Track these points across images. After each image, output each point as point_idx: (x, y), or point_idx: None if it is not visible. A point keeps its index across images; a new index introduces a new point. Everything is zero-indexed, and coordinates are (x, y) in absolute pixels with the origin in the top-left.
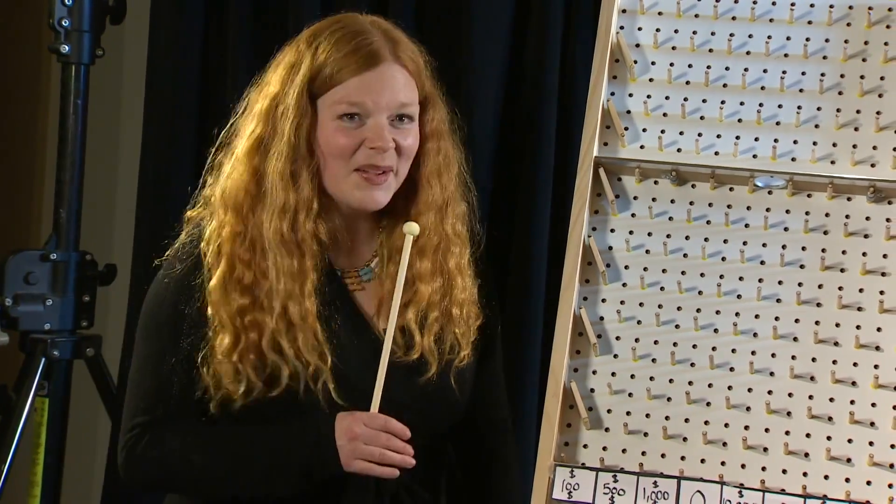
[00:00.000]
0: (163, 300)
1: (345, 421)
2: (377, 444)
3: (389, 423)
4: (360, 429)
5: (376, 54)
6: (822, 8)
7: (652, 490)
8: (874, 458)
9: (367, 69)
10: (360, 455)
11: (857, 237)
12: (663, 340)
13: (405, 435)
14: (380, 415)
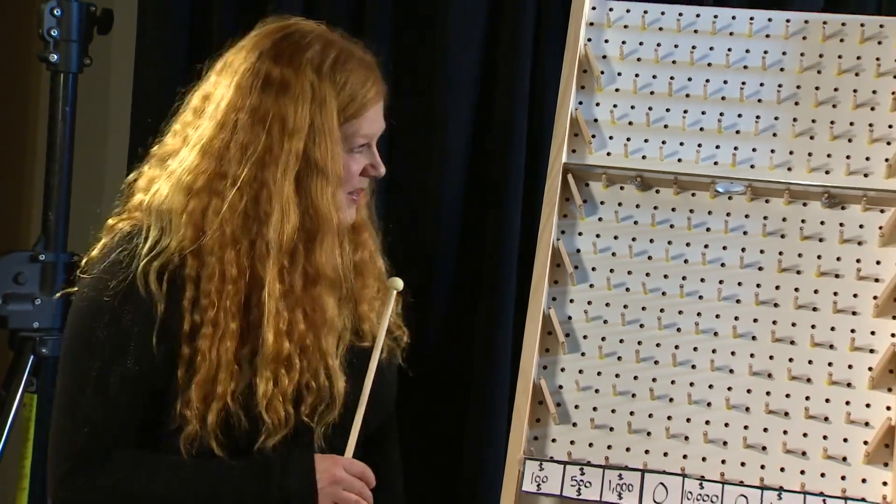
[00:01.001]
0: (101, 317)
1: (325, 463)
2: (354, 490)
3: (366, 472)
4: (341, 473)
5: (382, 84)
6: (779, 22)
7: (617, 482)
8: (828, 452)
9: (379, 100)
10: (337, 499)
11: (812, 241)
12: (628, 339)
13: (373, 484)
14: (359, 462)
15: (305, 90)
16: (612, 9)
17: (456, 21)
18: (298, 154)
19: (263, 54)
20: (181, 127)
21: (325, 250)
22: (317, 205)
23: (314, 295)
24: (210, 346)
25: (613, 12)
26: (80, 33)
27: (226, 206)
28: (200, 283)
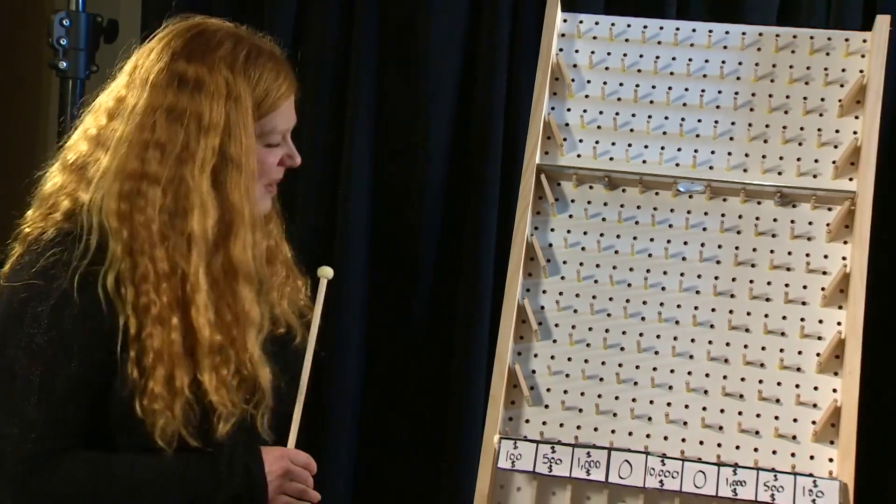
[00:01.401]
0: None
1: (272, 456)
2: (300, 480)
3: (311, 463)
4: (288, 465)
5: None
6: (735, 35)
7: (585, 460)
8: (779, 431)
9: (292, 94)
10: (285, 491)
11: (765, 236)
12: (596, 327)
13: (315, 471)
14: (304, 453)
15: (220, 87)
16: (582, 21)
17: (438, 33)
18: (215, 150)
19: (176, 54)
20: (96, 131)
21: (241, 244)
22: (232, 199)
23: (234, 288)
24: (161, 344)
25: (583, 24)
26: (87, 42)
27: (150, 205)
28: (137, 283)
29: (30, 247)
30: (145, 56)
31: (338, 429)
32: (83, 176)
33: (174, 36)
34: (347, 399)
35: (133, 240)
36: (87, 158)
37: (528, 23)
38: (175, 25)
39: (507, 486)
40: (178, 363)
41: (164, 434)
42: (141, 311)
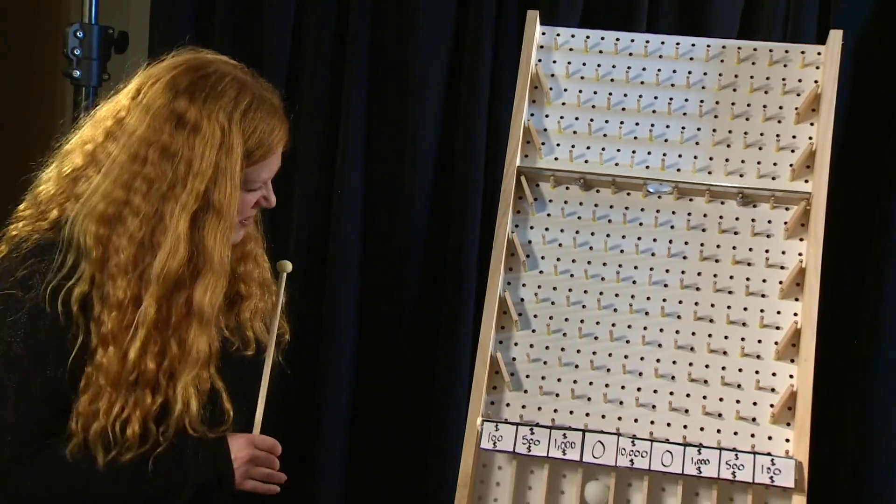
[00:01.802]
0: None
1: (238, 443)
2: (266, 465)
3: (276, 447)
4: (254, 452)
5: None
6: (701, 47)
7: (562, 441)
8: (740, 414)
9: (282, 145)
10: (251, 476)
11: (728, 234)
12: (572, 318)
13: (279, 452)
14: (269, 438)
15: (215, 135)
16: (559, 34)
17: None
18: (199, 194)
19: (179, 93)
20: (92, 146)
21: (204, 288)
22: (207, 244)
23: (188, 327)
24: (99, 365)
25: (560, 37)
26: (99, 52)
27: (126, 234)
28: (98, 301)
29: (12, 251)
30: (151, 84)
31: (332, 414)
32: (74, 189)
33: (182, 72)
34: (341, 384)
35: (103, 262)
36: (80, 172)
37: (509, 36)
38: (185, 59)
39: (489, 466)
40: (105, 387)
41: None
42: (101, 331)
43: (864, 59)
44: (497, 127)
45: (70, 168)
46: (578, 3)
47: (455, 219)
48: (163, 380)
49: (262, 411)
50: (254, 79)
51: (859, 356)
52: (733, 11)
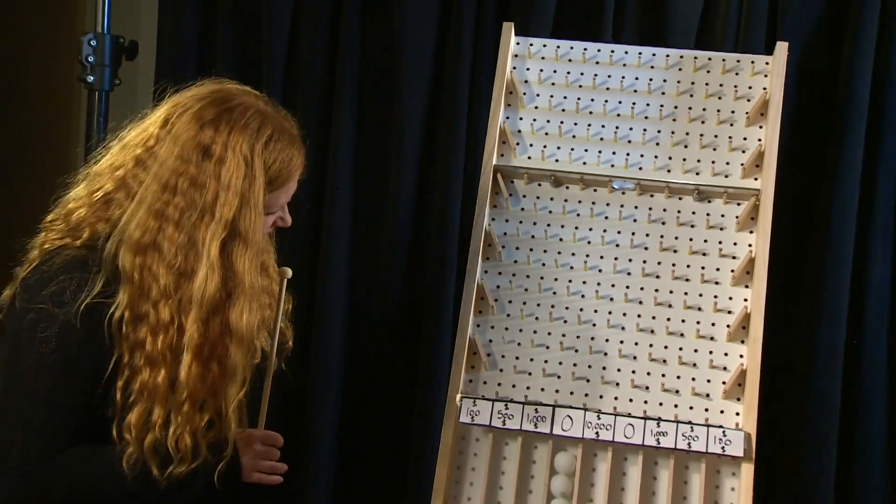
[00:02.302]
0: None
1: (243, 440)
2: (269, 458)
3: (278, 440)
4: (259, 447)
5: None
6: (661, 56)
7: (533, 415)
8: (695, 390)
9: (299, 171)
10: (257, 469)
11: (685, 227)
12: (543, 303)
13: (281, 445)
14: (272, 433)
15: (240, 165)
16: (532, 44)
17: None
18: (227, 222)
19: (205, 125)
20: (122, 172)
21: (239, 310)
22: (237, 269)
23: (226, 347)
24: (147, 382)
25: (533, 47)
26: (111, 59)
27: (162, 261)
28: (138, 325)
29: (42, 263)
30: (178, 115)
31: (324, 390)
32: (106, 213)
33: (208, 104)
34: (332, 363)
35: (142, 288)
36: (112, 196)
37: (487, 45)
38: (210, 91)
39: (468, 438)
40: (159, 402)
41: (129, 460)
42: (136, 349)
43: (807, 68)
44: (475, 128)
45: (102, 192)
46: (550, 16)
47: (437, 213)
48: (209, 398)
49: (265, 412)
50: (274, 109)
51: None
52: (690, 24)
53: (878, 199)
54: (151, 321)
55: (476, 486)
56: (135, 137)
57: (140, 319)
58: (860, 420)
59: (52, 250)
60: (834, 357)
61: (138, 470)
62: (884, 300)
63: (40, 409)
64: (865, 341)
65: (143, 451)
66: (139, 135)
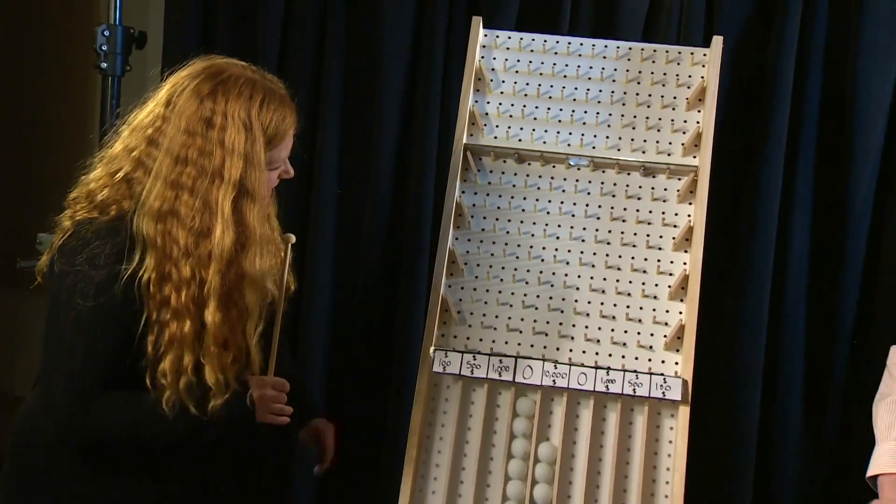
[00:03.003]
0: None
1: (258, 382)
2: (279, 402)
3: (286, 386)
4: (270, 392)
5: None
6: (612, 48)
7: (498, 365)
8: (640, 343)
9: (293, 128)
10: (268, 411)
11: (633, 199)
12: (507, 266)
13: (287, 390)
14: (281, 380)
15: (240, 130)
16: (499, 36)
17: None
18: (235, 182)
19: (204, 98)
20: (137, 153)
21: (250, 258)
22: (247, 222)
23: (242, 292)
24: (175, 333)
25: (499, 38)
26: (122, 48)
27: (181, 225)
28: (164, 285)
29: (76, 233)
30: (179, 93)
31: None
32: (129, 191)
33: (203, 80)
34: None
35: (164, 251)
36: (131, 175)
37: (457, 37)
38: (203, 67)
39: (440, 386)
40: (188, 350)
41: (168, 402)
42: (163, 306)
43: (739, 59)
44: (447, 111)
45: (122, 173)
46: (514, 11)
47: (413, 187)
48: (231, 337)
49: (274, 360)
50: (262, 76)
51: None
52: (638, 19)
53: (799, 173)
54: (175, 279)
55: (447, 427)
56: (143, 120)
57: (165, 279)
58: (781, 369)
59: (84, 221)
60: (760, 313)
61: (178, 410)
62: (803, 260)
63: (79, 359)
64: (787, 298)
65: (179, 392)
66: (147, 117)
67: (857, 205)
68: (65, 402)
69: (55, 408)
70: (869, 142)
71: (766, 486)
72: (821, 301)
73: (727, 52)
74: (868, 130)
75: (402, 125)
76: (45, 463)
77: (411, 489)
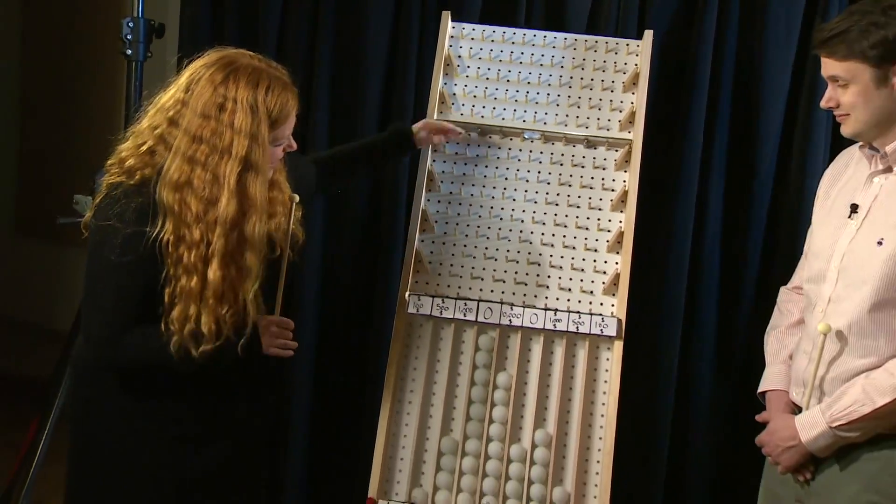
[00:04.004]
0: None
1: (264, 321)
2: (283, 337)
3: (290, 324)
4: (274, 329)
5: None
6: (560, 39)
7: (463, 307)
8: (582, 288)
9: (294, 109)
10: (273, 345)
11: (577, 167)
12: (472, 224)
13: (292, 327)
14: (285, 319)
15: (247, 112)
16: (465, 28)
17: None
18: (241, 159)
19: (217, 87)
20: (160, 131)
21: (252, 224)
22: (250, 193)
23: (243, 253)
24: (185, 286)
25: (465, 30)
26: (144, 37)
27: (193, 194)
28: (179, 245)
29: (108, 194)
30: (196, 81)
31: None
32: (152, 161)
33: (216, 69)
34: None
35: (180, 216)
36: (154, 148)
37: (430, 29)
38: (217, 58)
39: (413, 324)
40: (193, 302)
41: (174, 346)
42: (177, 263)
43: (666, 49)
44: (421, 91)
45: (147, 146)
46: (478, 6)
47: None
48: (228, 293)
49: (280, 302)
50: (267, 64)
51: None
52: (582, 14)
53: (715, 145)
54: (188, 240)
55: (420, 359)
56: (166, 102)
57: (180, 240)
58: (699, 308)
59: (115, 184)
60: (682, 262)
61: (182, 352)
62: (718, 217)
63: (111, 299)
64: (704, 249)
65: (183, 337)
66: (169, 100)
67: (762, 171)
68: (100, 334)
69: (92, 339)
70: (771, 119)
71: (685, 403)
72: (732, 251)
73: (656, 44)
74: (771, 109)
75: (382, 103)
76: (96, 384)
77: (389, 412)
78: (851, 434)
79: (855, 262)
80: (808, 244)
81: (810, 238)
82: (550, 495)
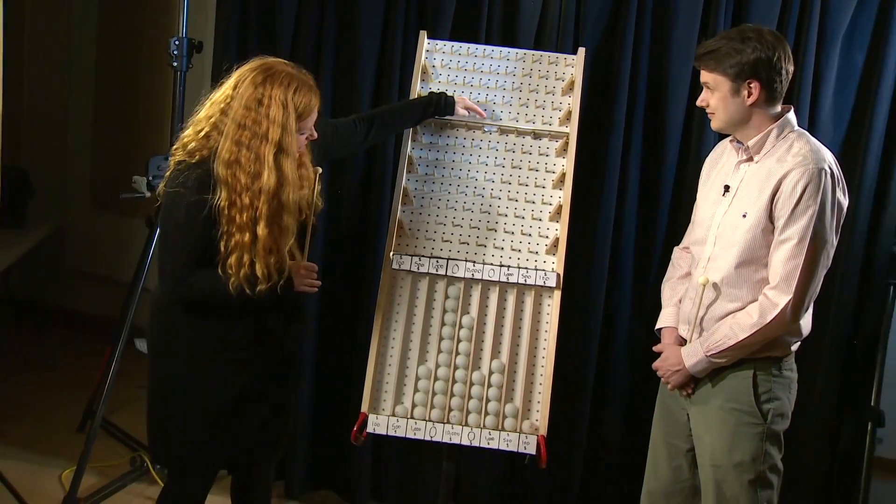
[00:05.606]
0: (194, 210)
1: (295, 266)
2: (310, 278)
3: (314, 268)
4: (304, 271)
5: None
6: (513, 53)
7: (435, 264)
8: (530, 249)
9: (317, 106)
10: (303, 283)
11: (526, 154)
12: (443, 198)
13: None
14: (311, 264)
15: (280, 108)
16: (437, 44)
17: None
18: (276, 143)
19: (258, 86)
20: (214, 119)
21: (287, 193)
22: (283, 169)
23: (281, 215)
24: (238, 240)
25: (438, 45)
26: (187, 52)
27: (242, 170)
28: (231, 209)
29: (175, 169)
30: (242, 81)
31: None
32: (208, 143)
33: (258, 73)
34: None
35: (232, 186)
36: (209, 133)
37: (411, 45)
38: (259, 64)
39: (397, 279)
40: (246, 252)
41: (232, 285)
42: (231, 222)
43: (596, 62)
44: (404, 94)
45: (204, 132)
46: (448, 26)
47: (380, 144)
48: (273, 246)
49: (307, 251)
50: (297, 70)
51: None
52: (530, 34)
53: (633, 138)
54: (238, 205)
55: (402, 305)
56: (218, 98)
57: (232, 205)
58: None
59: (180, 161)
60: (606, 229)
61: (238, 291)
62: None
63: (179, 248)
64: (625, 218)
65: (240, 279)
66: (220, 95)
67: (668, 158)
68: (171, 275)
69: (165, 279)
70: (675, 117)
71: (609, 339)
72: (645, 220)
73: (588, 58)
74: (675, 110)
75: (372, 105)
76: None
77: (377, 346)
78: (721, 360)
79: (726, 231)
80: (693, 214)
81: (695, 210)
82: (503, 409)
